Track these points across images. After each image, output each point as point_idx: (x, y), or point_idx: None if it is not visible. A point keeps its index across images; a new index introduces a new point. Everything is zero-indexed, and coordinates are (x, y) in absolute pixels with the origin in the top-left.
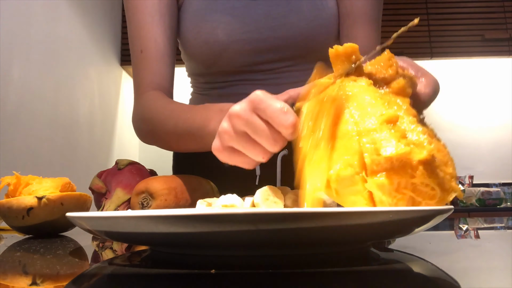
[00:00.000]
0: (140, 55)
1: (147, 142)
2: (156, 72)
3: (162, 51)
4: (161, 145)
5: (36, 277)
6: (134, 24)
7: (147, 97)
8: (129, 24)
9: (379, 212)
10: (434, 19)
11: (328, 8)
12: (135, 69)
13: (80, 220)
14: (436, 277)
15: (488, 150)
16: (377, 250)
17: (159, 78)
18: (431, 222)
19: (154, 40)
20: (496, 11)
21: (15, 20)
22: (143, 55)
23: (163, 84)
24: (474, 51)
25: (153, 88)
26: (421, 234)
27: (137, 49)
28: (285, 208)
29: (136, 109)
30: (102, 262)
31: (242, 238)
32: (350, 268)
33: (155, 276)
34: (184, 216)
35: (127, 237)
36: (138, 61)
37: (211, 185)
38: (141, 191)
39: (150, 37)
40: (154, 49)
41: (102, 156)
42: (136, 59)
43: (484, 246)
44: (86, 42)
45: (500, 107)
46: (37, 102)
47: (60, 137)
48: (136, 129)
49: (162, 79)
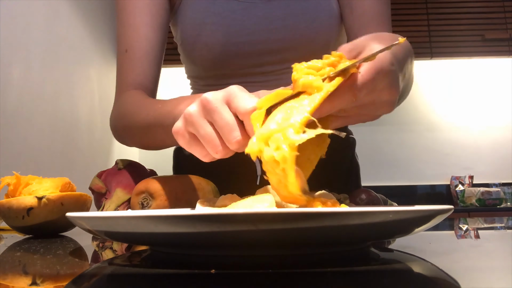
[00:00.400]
0: (125, 54)
1: (123, 141)
2: (139, 72)
3: (148, 51)
4: (134, 142)
5: (36, 277)
6: (122, 23)
7: (126, 95)
8: (117, 22)
9: (379, 212)
10: (434, 19)
11: (328, 10)
12: (119, 67)
13: (80, 220)
14: (436, 277)
15: (488, 150)
16: (377, 250)
17: (142, 78)
18: (431, 222)
19: (140, 40)
20: (496, 11)
21: (15, 20)
22: (128, 54)
23: (145, 83)
24: (474, 51)
25: (134, 87)
26: (421, 234)
27: (123, 48)
28: (285, 208)
29: (114, 107)
30: (102, 262)
31: (242, 238)
32: (350, 268)
33: (155, 276)
34: (184, 216)
35: (127, 237)
36: (122, 59)
37: (211, 185)
38: (141, 191)
39: (136, 37)
40: (140, 49)
41: (102, 156)
42: (120, 58)
43: (484, 246)
44: (86, 42)
45: (500, 107)
46: (37, 102)
47: (60, 137)
48: (112, 128)
49: (145, 78)
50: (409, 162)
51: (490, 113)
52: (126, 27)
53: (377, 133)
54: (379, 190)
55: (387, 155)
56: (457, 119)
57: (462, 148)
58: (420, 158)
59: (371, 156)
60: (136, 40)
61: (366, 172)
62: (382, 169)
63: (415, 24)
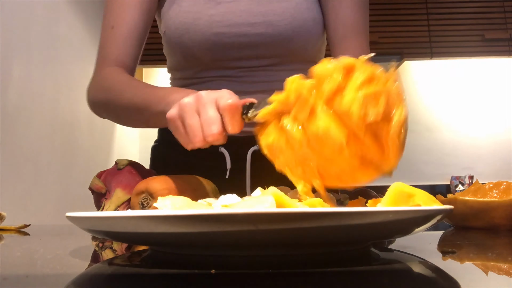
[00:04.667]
0: (111, 30)
1: (99, 114)
2: (123, 49)
3: (133, 31)
4: (113, 117)
5: (36, 277)
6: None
7: (110, 70)
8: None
9: (379, 212)
10: (434, 19)
11: (308, 14)
12: (103, 42)
13: (80, 220)
14: (436, 277)
15: (488, 150)
16: (377, 250)
17: (125, 56)
18: (431, 222)
19: (127, 20)
20: (496, 11)
21: (15, 20)
22: (114, 31)
23: (127, 62)
24: (474, 51)
25: (117, 64)
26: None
27: (109, 24)
28: (285, 208)
29: (94, 79)
30: (102, 262)
31: (242, 238)
32: (350, 268)
33: (155, 276)
34: (184, 216)
35: (127, 237)
36: (107, 35)
37: (211, 185)
38: (141, 191)
39: (124, 16)
40: (126, 28)
41: (102, 156)
42: (105, 33)
43: (484, 246)
44: (86, 42)
45: (500, 107)
46: (37, 102)
47: (60, 137)
48: (90, 99)
49: (127, 56)
50: (409, 162)
51: (490, 113)
52: (114, 5)
53: None
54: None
55: None
56: (457, 119)
57: (462, 148)
58: (420, 158)
59: None
60: (123, 18)
61: None
62: None
63: (415, 24)
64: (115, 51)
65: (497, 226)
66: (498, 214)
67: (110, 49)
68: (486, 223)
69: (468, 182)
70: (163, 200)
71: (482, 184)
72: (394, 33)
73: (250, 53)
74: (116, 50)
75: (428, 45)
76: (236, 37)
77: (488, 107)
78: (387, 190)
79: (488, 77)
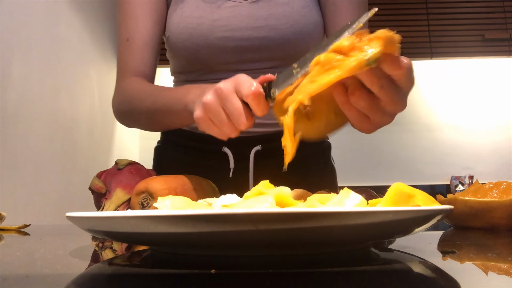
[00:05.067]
0: (126, 43)
1: (126, 124)
2: (140, 60)
3: (147, 41)
4: (140, 125)
5: (36, 277)
6: (123, 13)
7: (129, 81)
8: (118, 12)
9: (379, 212)
10: (434, 19)
11: (310, 15)
12: (121, 55)
13: (80, 220)
14: (436, 277)
15: (488, 150)
16: (377, 250)
17: (142, 66)
18: (431, 222)
19: (141, 31)
20: (496, 11)
21: (15, 20)
22: (129, 43)
23: (146, 71)
24: (474, 51)
25: (135, 74)
26: (421, 234)
27: (124, 37)
28: (285, 208)
29: (117, 92)
30: (102, 262)
31: (242, 238)
32: (350, 268)
33: (155, 276)
34: (184, 216)
35: (127, 237)
36: (123, 48)
37: (211, 185)
38: (141, 191)
39: (137, 28)
40: (140, 39)
41: (102, 156)
42: (121, 46)
43: (484, 246)
44: (86, 42)
45: (500, 107)
46: (37, 102)
47: (60, 137)
48: (116, 111)
49: (145, 66)
50: (409, 162)
51: (490, 113)
52: (127, 17)
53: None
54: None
55: (387, 155)
56: (457, 119)
57: (462, 148)
58: (420, 158)
59: (371, 156)
60: (137, 30)
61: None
62: (382, 169)
63: (415, 24)
64: (132, 63)
65: (497, 226)
66: (498, 214)
67: (127, 61)
68: (486, 223)
69: (468, 182)
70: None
71: (482, 184)
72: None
73: (253, 56)
74: (133, 62)
75: (428, 45)
76: (239, 41)
77: (488, 107)
78: (387, 190)
79: (488, 77)
